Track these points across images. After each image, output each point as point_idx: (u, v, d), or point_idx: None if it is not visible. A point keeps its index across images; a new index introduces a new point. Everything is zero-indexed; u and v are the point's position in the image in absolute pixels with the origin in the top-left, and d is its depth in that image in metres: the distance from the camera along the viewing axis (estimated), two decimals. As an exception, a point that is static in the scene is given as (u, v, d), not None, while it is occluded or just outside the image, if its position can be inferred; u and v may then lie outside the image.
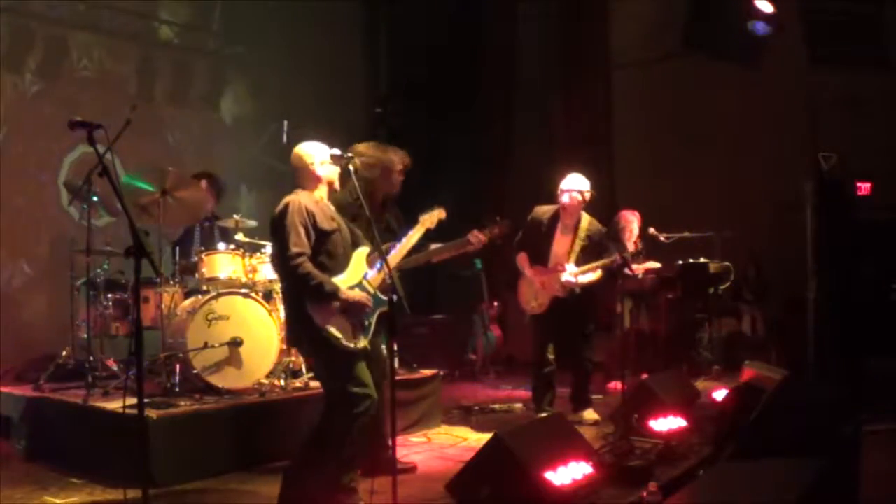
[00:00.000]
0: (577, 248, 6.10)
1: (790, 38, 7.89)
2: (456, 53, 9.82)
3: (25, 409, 5.49)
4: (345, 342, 4.00)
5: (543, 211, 6.29)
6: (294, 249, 3.96)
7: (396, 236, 4.80)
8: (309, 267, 3.96)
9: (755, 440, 4.29)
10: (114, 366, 6.00)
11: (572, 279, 6.01)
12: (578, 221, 6.15)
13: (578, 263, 6.07)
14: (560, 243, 6.16)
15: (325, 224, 4.12)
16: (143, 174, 5.81)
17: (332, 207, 4.30)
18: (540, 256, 6.18)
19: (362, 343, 4.09)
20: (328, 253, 4.12)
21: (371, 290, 4.20)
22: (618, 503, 4.10)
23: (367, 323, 4.13)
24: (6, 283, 7.21)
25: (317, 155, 4.28)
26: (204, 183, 6.82)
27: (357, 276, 4.18)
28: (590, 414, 6.14)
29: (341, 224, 4.26)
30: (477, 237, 4.90)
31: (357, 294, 4.08)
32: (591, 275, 6.09)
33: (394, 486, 3.78)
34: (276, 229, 4.08)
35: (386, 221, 5.03)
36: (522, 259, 6.24)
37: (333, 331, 3.98)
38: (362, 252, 4.29)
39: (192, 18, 8.70)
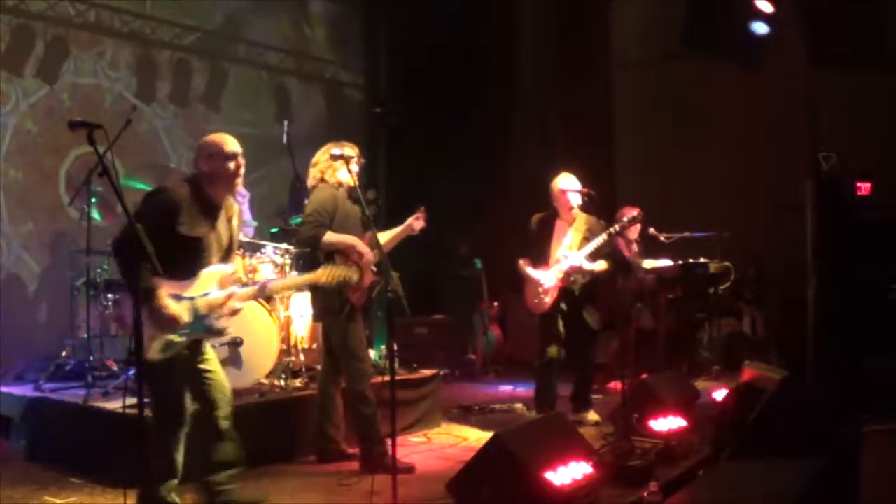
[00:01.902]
0: (578, 239, 6.07)
1: (790, 38, 7.88)
2: (455, 53, 9.82)
3: (25, 409, 5.49)
4: (147, 349, 3.56)
5: (539, 217, 6.30)
6: (125, 235, 3.60)
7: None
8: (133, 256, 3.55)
9: (755, 440, 4.29)
10: (114, 366, 6.00)
11: (576, 262, 5.97)
12: (575, 219, 6.16)
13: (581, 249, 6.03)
14: (560, 239, 6.15)
15: (186, 229, 3.74)
16: (142, 174, 5.81)
17: (221, 210, 3.92)
18: (542, 259, 6.17)
19: (155, 356, 3.66)
20: (174, 260, 3.59)
21: (200, 312, 3.78)
22: (618, 503, 4.10)
23: (170, 340, 3.70)
24: (6, 283, 7.20)
25: (229, 143, 3.97)
26: None
27: (194, 291, 3.77)
28: (590, 415, 6.14)
29: (209, 233, 3.85)
30: (417, 223, 5.11)
31: (172, 308, 3.64)
32: (597, 265, 6.07)
33: (394, 486, 3.78)
34: (138, 207, 3.75)
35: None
36: (524, 263, 6.21)
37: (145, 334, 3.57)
38: (213, 272, 3.84)
39: (192, 18, 8.70)
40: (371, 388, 4.93)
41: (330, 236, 4.87)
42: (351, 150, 4.84)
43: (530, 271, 6.14)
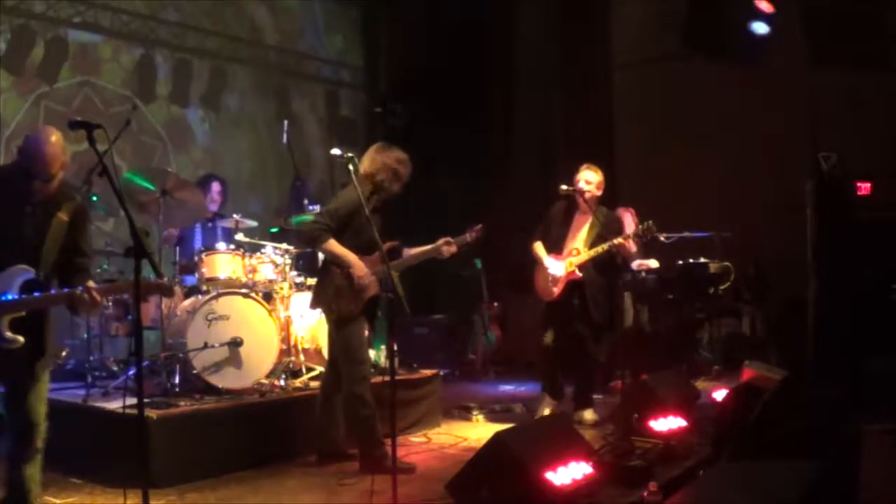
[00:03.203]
0: (592, 235, 6.07)
1: (790, 38, 7.88)
2: (456, 53, 9.82)
3: (25, 409, 5.48)
4: None
5: (563, 204, 6.27)
6: None
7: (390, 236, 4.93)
8: None
9: (755, 440, 4.29)
10: (114, 366, 6.01)
11: (560, 272, 6.03)
12: (594, 211, 6.13)
13: (592, 246, 6.03)
14: (576, 229, 6.17)
15: None
16: (143, 173, 5.82)
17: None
18: (557, 246, 6.17)
19: None
20: None
21: None
22: (618, 503, 4.10)
23: None
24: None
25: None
26: (217, 185, 6.87)
27: None
28: (590, 414, 6.14)
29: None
30: (448, 248, 5.09)
31: None
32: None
33: (394, 486, 3.78)
34: None
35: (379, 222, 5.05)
36: (538, 247, 6.20)
37: None
38: (14, 270, 3.41)
39: (192, 18, 8.71)
40: (370, 391, 4.89)
41: (330, 245, 4.83)
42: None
43: (544, 256, 6.14)
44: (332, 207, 4.92)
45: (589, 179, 6.06)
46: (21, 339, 3.40)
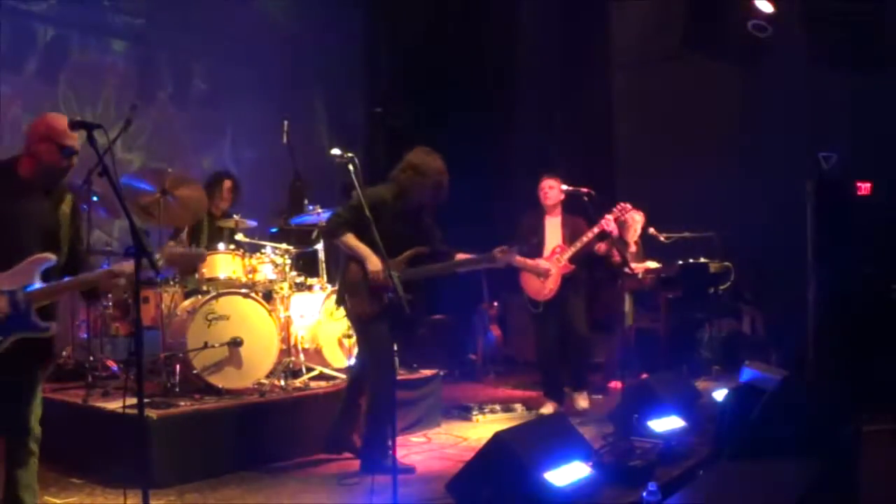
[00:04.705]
0: (567, 230, 6.44)
1: (790, 38, 7.89)
2: (456, 53, 9.82)
3: (25, 409, 5.48)
4: None
5: (529, 215, 6.64)
6: None
7: (424, 244, 4.97)
8: None
9: (755, 440, 4.29)
10: (114, 366, 6.01)
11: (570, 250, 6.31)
12: (560, 216, 6.52)
13: (571, 241, 6.40)
14: (551, 231, 6.48)
15: None
16: (140, 174, 5.82)
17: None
18: (537, 252, 6.40)
19: None
20: None
21: (21, 306, 3.29)
22: (618, 503, 4.10)
23: None
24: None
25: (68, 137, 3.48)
26: (229, 182, 6.88)
27: (13, 282, 3.30)
28: (583, 400, 6.28)
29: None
30: (504, 254, 5.01)
31: None
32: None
33: (394, 486, 3.79)
34: None
35: (414, 226, 5.02)
36: (519, 260, 6.30)
37: None
38: (37, 259, 3.37)
39: (192, 19, 8.70)
40: (389, 395, 4.67)
41: (348, 239, 4.81)
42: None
43: (529, 260, 6.29)
44: (352, 201, 4.82)
45: (552, 186, 6.46)
46: (55, 325, 3.39)
